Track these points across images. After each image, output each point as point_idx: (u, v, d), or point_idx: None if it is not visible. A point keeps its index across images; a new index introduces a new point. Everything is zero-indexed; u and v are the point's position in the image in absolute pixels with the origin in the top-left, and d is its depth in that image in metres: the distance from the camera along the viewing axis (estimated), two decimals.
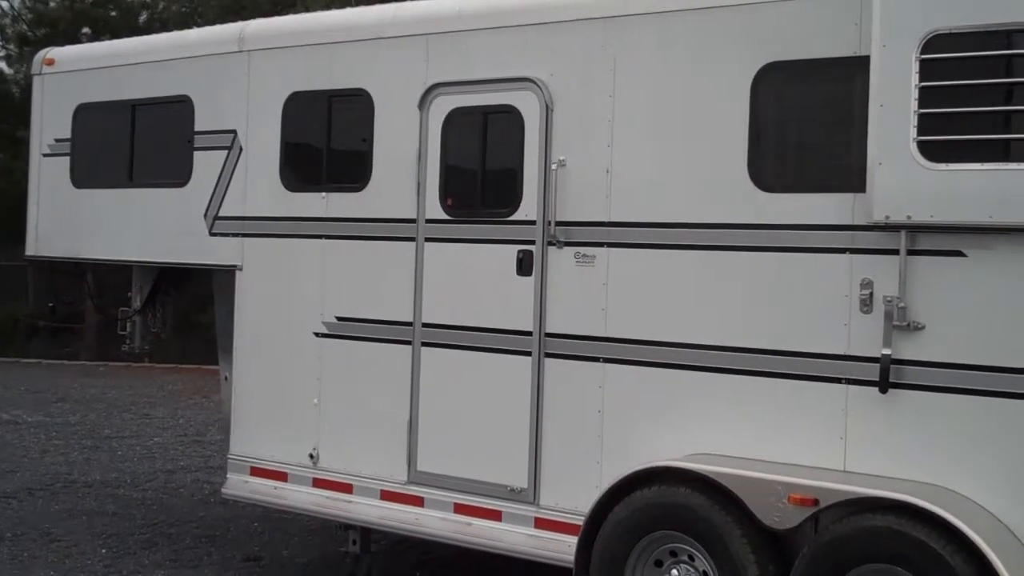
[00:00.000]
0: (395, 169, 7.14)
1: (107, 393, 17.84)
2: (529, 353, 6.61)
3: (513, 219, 6.68)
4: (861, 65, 5.46)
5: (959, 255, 5.33)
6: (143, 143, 8.60)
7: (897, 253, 5.42)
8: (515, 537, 6.62)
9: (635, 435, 6.24)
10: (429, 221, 7.01)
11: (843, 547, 5.30)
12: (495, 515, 6.71)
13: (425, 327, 7.03)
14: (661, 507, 5.82)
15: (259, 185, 7.82)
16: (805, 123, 5.97)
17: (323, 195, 7.49)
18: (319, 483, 7.48)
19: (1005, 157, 5.12)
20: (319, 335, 7.53)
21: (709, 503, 5.65)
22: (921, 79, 5.25)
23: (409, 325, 7.10)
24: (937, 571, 4.98)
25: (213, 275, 8.37)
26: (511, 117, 6.69)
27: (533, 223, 6.60)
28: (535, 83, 6.59)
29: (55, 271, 19.93)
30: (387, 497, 7.14)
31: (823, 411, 5.68)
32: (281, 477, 7.67)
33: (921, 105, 5.24)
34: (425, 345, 7.04)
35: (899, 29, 5.29)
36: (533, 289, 6.60)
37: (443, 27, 7.05)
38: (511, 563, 6.78)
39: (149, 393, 17.97)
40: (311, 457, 7.51)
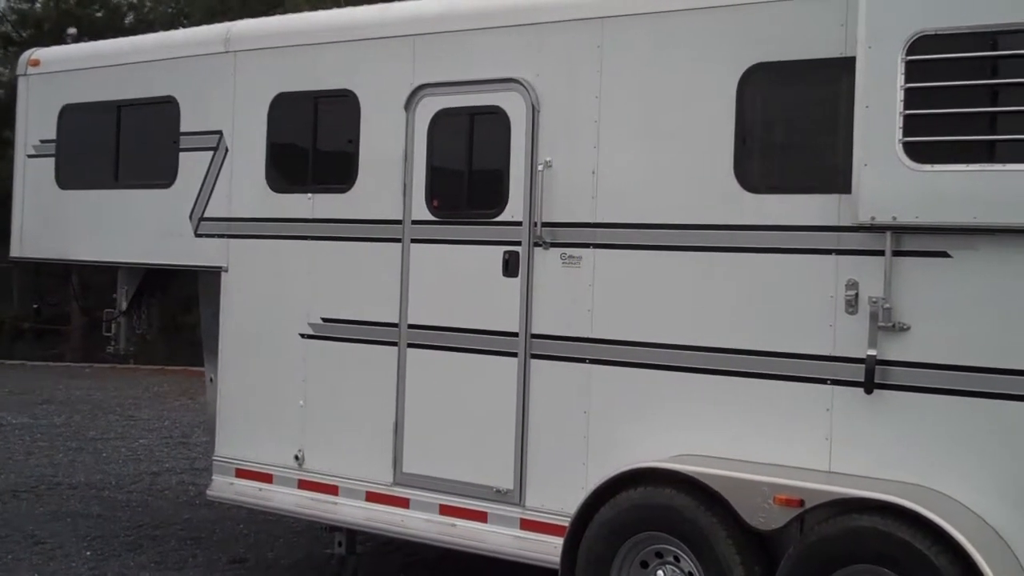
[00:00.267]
0: (381, 170, 7.13)
1: (92, 395, 17.79)
2: (515, 354, 6.61)
3: (499, 220, 6.67)
4: (847, 66, 5.47)
5: (944, 256, 5.33)
6: (128, 144, 8.57)
7: (882, 254, 5.43)
8: (501, 538, 6.61)
9: (621, 436, 6.23)
10: (415, 222, 7.00)
11: (829, 548, 5.30)
12: (481, 516, 6.70)
13: (411, 328, 7.02)
14: (647, 508, 5.82)
15: (245, 186, 7.80)
16: (791, 124, 5.98)
17: (309, 196, 7.47)
18: (304, 485, 7.46)
19: (990, 158, 5.13)
20: (305, 336, 7.52)
21: (695, 504, 5.65)
22: (906, 80, 5.26)
23: (395, 326, 7.08)
24: (922, 571, 4.99)
25: (198, 276, 8.36)
26: (497, 118, 6.68)
27: (519, 224, 6.59)
28: (521, 84, 6.59)
29: (40, 272, 19.89)
30: (372, 499, 7.13)
31: (809, 412, 5.68)
32: (266, 479, 7.65)
33: (906, 106, 5.26)
34: (411, 346, 7.03)
35: (884, 30, 5.30)
36: (519, 290, 6.59)
37: (429, 28, 7.04)
38: (497, 565, 6.77)
39: (134, 395, 17.92)
40: (296, 459, 7.50)
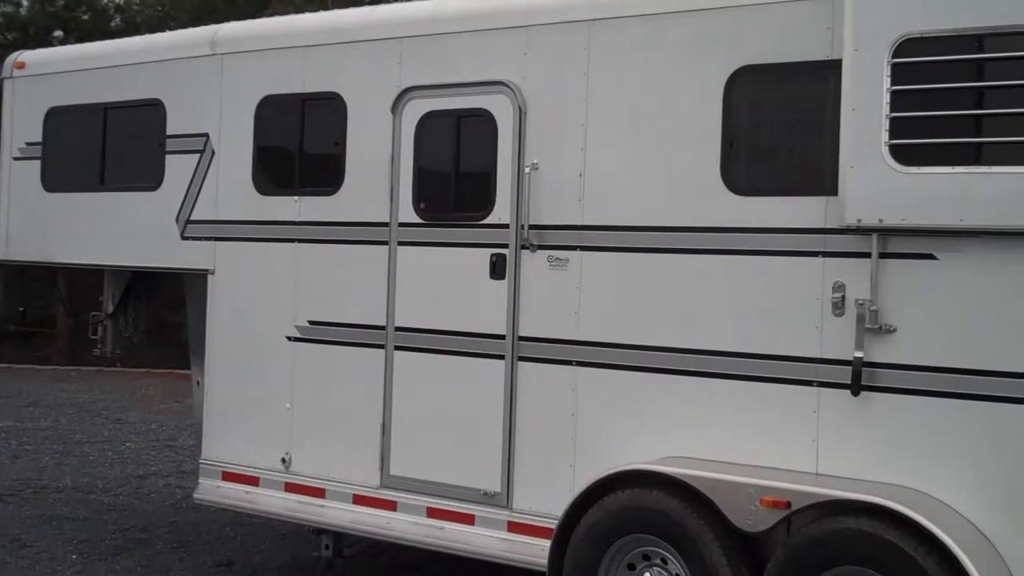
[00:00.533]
0: (368, 173, 7.12)
1: (79, 398, 17.72)
2: (502, 357, 6.61)
3: (486, 223, 6.67)
4: (833, 69, 5.48)
5: (930, 258, 5.35)
6: (115, 146, 8.54)
7: (869, 256, 5.44)
8: (488, 541, 6.61)
9: (608, 438, 6.23)
10: (402, 225, 7.00)
11: (815, 549, 5.31)
12: (468, 519, 6.69)
13: (398, 331, 7.02)
14: (634, 510, 5.82)
15: (231, 189, 7.78)
16: (778, 127, 5.99)
17: (296, 199, 7.46)
18: (291, 487, 7.45)
19: (976, 160, 5.15)
20: (292, 339, 7.50)
21: (682, 506, 5.65)
22: (893, 83, 5.27)
23: (382, 329, 7.08)
24: (909, 573, 5.00)
25: (185, 279, 8.33)
26: (484, 120, 6.68)
27: (506, 227, 6.59)
28: (508, 86, 6.59)
29: (26, 275, 19.80)
30: (359, 501, 7.12)
31: (795, 414, 5.69)
32: (253, 482, 7.63)
33: (893, 109, 5.27)
34: (398, 349, 7.02)
35: (871, 33, 5.31)
36: (506, 293, 6.59)
37: (416, 31, 7.04)
38: (485, 567, 6.76)
39: (121, 398, 17.86)
40: (283, 461, 7.48)
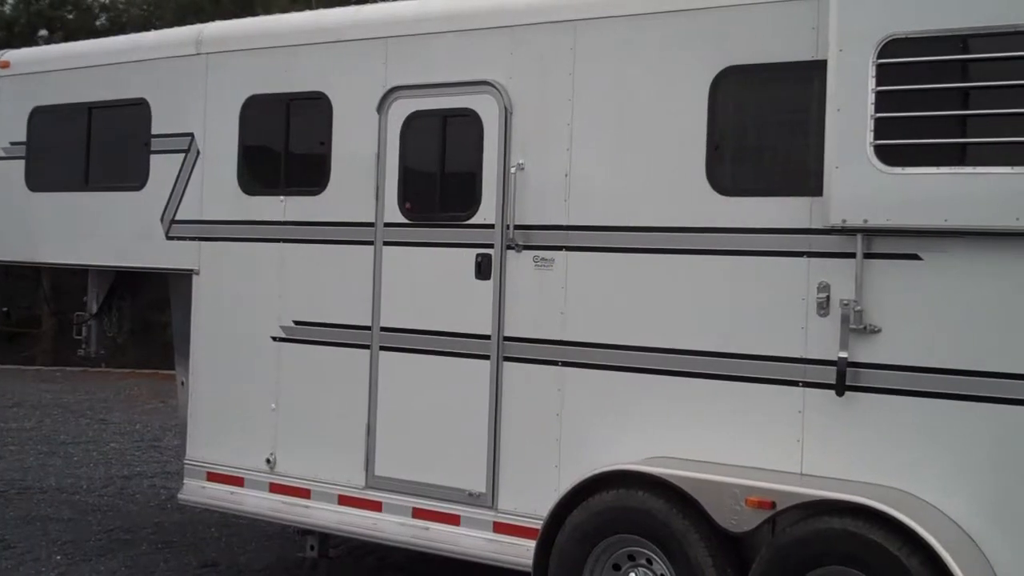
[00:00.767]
0: (353, 173, 7.11)
1: (63, 398, 17.67)
2: (487, 357, 6.60)
3: (472, 223, 6.66)
4: (818, 69, 5.48)
5: (915, 258, 5.36)
6: (99, 146, 8.52)
7: (854, 256, 5.45)
8: (473, 541, 6.60)
9: (594, 438, 6.23)
10: (387, 225, 6.99)
11: (800, 549, 5.31)
12: (453, 519, 6.69)
13: (383, 331, 7.01)
14: (619, 511, 5.82)
15: (216, 188, 7.76)
16: (763, 127, 5.98)
17: (281, 199, 7.45)
18: (276, 488, 7.43)
19: (961, 161, 5.16)
20: (277, 339, 7.49)
21: (667, 507, 5.65)
22: (878, 83, 5.28)
23: (367, 329, 7.06)
24: (893, 573, 5.01)
25: (169, 279, 8.31)
26: (470, 120, 6.68)
27: (492, 227, 6.58)
28: (494, 86, 6.58)
29: (10, 275, 19.73)
30: (345, 502, 7.11)
31: (780, 414, 5.69)
32: (238, 482, 7.62)
33: (878, 109, 5.28)
34: (383, 349, 7.01)
35: (856, 34, 5.32)
36: (491, 293, 6.58)
37: (402, 30, 7.03)
38: (470, 568, 6.76)
39: (105, 398, 17.81)
40: (268, 462, 7.47)
